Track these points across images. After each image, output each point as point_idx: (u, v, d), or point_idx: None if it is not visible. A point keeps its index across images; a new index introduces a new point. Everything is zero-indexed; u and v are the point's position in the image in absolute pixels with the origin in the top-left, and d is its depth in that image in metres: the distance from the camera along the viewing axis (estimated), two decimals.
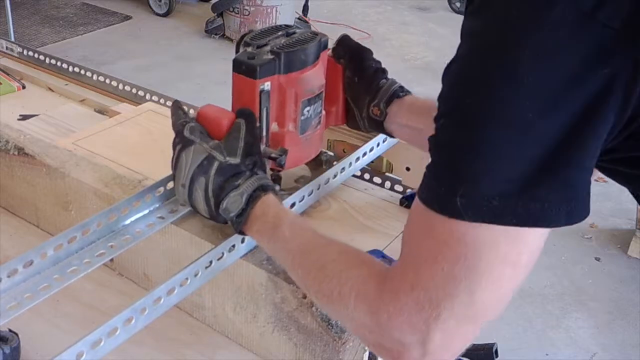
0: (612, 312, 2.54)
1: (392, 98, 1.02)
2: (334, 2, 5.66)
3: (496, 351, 1.23)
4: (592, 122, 0.57)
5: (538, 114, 0.56)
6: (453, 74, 0.62)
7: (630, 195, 0.73)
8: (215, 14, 4.97)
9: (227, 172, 0.84)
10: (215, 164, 0.84)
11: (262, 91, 0.93)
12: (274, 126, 0.97)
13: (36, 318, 0.94)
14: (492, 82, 0.58)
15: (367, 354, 0.92)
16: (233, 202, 0.83)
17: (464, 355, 1.30)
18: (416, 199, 0.63)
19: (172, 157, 0.89)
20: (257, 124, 0.91)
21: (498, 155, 0.58)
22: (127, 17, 5.44)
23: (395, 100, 1.02)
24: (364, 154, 1.11)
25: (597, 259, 2.82)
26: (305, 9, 5.02)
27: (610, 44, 0.55)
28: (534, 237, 0.60)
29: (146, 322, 0.78)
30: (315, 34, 1.01)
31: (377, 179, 1.16)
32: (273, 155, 0.94)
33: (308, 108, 0.98)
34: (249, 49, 0.94)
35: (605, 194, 3.10)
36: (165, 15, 5.47)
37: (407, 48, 4.91)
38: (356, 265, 0.70)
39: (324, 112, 1.03)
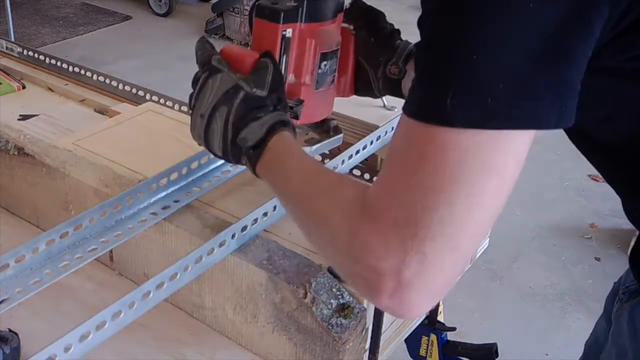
0: None
1: (410, 56, 1.00)
2: None
3: (496, 351, 1.23)
4: (589, 12, 0.55)
5: (539, 1, 0.54)
6: None
7: None
8: (215, 14, 4.97)
9: (251, 104, 0.83)
10: (241, 94, 0.83)
11: (283, 37, 0.92)
12: (290, 77, 0.96)
13: (36, 318, 0.94)
14: None
15: (367, 354, 0.92)
16: (252, 132, 0.81)
17: (463, 355, 1.30)
18: (400, 117, 0.60)
19: (194, 89, 0.87)
20: None
21: (496, 40, 0.55)
22: (127, 17, 5.44)
23: (414, 59, 1.00)
24: (357, 152, 1.10)
25: (597, 259, 2.82)
26: None
27: None
28: (520, 143, 0.57)
29: (135, 316, 0.78)
30: None
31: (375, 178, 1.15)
32: (290, 104, 0.92)
33: (325, 62, 0.97)
34: None
35: (605, 194, 3.10)
36: (165, 15, 5.47)
37: None
38: (350, 186, 0.67)
39: (336, 74, 1.02)
